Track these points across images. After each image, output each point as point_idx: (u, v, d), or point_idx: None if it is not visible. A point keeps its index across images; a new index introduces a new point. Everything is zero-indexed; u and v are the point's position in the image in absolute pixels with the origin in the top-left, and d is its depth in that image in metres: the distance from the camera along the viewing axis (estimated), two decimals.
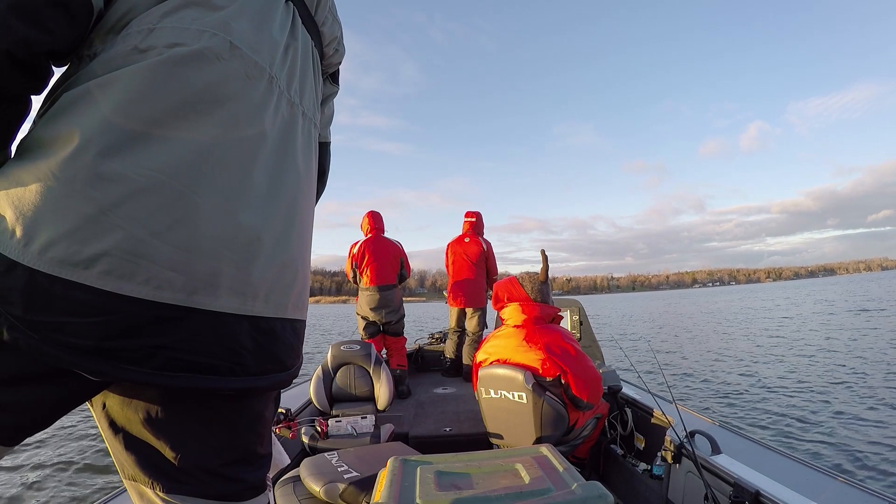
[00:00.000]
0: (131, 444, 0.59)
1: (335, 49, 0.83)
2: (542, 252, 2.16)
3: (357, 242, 3.75)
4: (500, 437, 1.96)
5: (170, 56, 0.53)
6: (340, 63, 0.88)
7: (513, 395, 1.82)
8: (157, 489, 0.59)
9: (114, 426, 0.59)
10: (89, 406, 0.61)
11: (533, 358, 1.81)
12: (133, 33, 0.54)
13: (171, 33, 0.55)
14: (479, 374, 1.98)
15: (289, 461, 1.32)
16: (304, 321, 0.72)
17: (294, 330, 0.68)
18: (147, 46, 0.53)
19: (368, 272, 3.63)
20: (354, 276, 3.72)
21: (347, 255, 3.77)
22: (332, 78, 0.89)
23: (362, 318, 3.68)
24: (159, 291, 0.50)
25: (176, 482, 0.59)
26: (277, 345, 0.64)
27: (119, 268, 0.48)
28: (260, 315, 0.60)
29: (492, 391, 1.91)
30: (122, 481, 0.63)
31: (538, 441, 1.79)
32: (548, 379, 1.79)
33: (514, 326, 1.95)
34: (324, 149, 0.88)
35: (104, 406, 0.59)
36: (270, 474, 0.88)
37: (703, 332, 15.21)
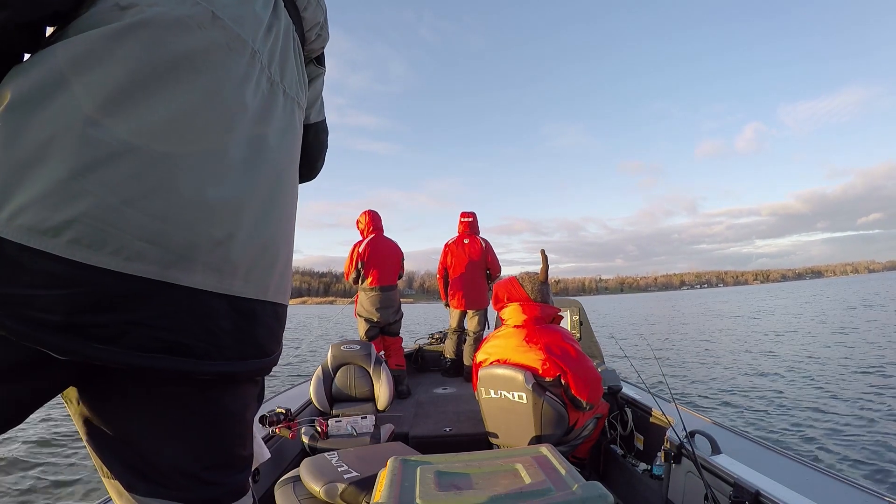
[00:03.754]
0: (107, 444, 0.56)
1: (317, 34, 0.82)
2: (542, 252, 2.16)
3: (361, 242, 3.70)
4: (499, 437, 1.96)
5: (149, 18, 0.51)
6: (323, 48, 0.87)
7: (513, 395, 1.82)
8: (134, 492, 0.56)
9: (89, 425, 0.57)
10: (67, 405, 0.59)
11: (533, 358, 1.81)
12: None
13: None
14: (479, 374, 1.98)
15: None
16: (286, 306, 0.70)
17: (276, 314, 0.65)
18: (128, 4, 0.51)
19: (374, 272, 3.59)
20: (357, 276, 3.66)
21: (350, 254, 3.72)
22: (318, 61, 0.88)
23: (365, 319, 3.61)
24: (130, 263, 0.47)
25: (153, 485, 0.56)
26: (258, 328, 0.61)
27: (88, 236, 0.45)
28: (240, 295, 0.58)
29: (492, 391, 1.91)
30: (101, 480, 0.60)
31: (538, 441, 1.78)
32: (548, 379, 1.79)
33: (515, 326, 1.95)
34: (307, 129, 0.86)
35: (78, 403, 0.57)
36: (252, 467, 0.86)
37: (702, 332, 15.20)
